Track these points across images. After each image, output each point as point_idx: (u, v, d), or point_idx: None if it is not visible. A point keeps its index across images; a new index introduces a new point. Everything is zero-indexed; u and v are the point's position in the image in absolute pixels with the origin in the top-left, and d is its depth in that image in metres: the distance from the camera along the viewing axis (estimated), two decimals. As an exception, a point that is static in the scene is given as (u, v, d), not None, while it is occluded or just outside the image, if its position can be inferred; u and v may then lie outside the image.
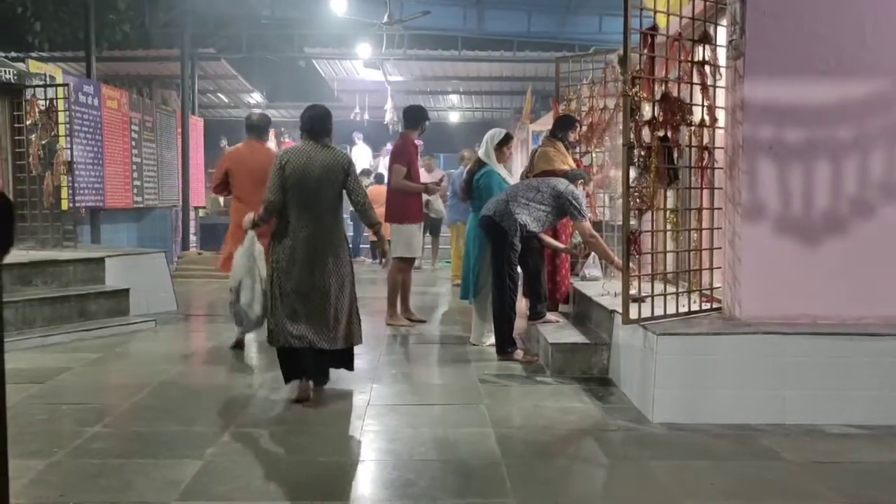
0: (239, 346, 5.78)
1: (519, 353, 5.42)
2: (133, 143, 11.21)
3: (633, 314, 4.33)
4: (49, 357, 5.46)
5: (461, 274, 6.20)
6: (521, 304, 5.77)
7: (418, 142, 7.13)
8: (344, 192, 4.49)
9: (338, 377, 4.85)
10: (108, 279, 6.96)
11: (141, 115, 11.54)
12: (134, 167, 11.25)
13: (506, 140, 5.96)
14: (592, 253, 6.13)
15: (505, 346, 5.43)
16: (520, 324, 5.84)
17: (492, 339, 5.65)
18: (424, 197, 7.01)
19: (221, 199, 17.25)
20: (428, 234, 11.66)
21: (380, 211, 7.41)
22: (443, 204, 9.11)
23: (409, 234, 6.73)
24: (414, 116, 6.81)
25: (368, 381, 4.85)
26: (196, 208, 14.37)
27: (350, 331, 4.46)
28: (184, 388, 4.74)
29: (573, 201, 5.34)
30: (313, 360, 4.39)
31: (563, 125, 6.28)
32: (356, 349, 4.66)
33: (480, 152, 6.04)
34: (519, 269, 5.52)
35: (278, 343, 4.37)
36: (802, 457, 3.54)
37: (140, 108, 11.59)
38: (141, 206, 11.66)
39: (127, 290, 6.84)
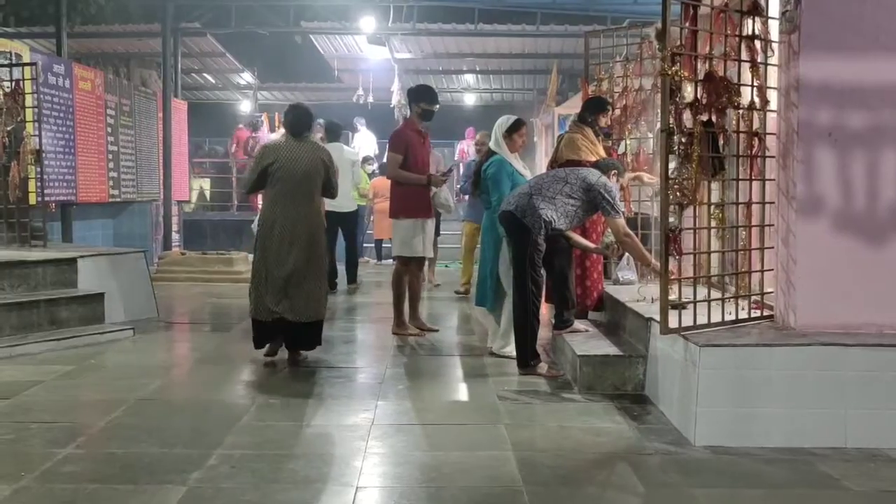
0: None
1: (543, 367, 5.42)
2: (109, 130, 11.29)
3: (673, 323, 4.32)
4: (16, 370, 5.51)
5: (470, 278, 6.19)
6: (546, 311, 5.77)
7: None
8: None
9: (332, 392, 4.87)
10: (81, 282, 7.00)
11: (118, 97, 11.63)
12: (110, 156, 11.33)
13: (516, 126, 5.95)
14: (627, 254, 6.12)
15: (527, 358, 5.43)
16: (544, 333, 5.85)
17: (513, 350, 5.66)
18: (432, 190, 6.94)
19: (208, 194, 17.44)
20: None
21: (386, 205, 7.45)
22: (452, 198, 9.08)
23: (405, 230, 6.61)
24: (417, 98, 6.71)
25: (373, 397, 4.87)
26: (179, 203, 14.46)
27: (320, 304, 5.61)
28: (165, 404, 4.78)
29: (606, 195, 5.33)
30: (287, 331, 5.55)
31: (594, 108, 6.28)
32: (359, 362, 5.20)
33: (490, 143, 6.06)
34: (543, 272, 5.52)
35: (259, 315, 5.53)
36: (866, 485, 3.52)
37: (117, 89, 11.67)
38: (118, 200, 11.74)
39: (102, 295, 6.88)
